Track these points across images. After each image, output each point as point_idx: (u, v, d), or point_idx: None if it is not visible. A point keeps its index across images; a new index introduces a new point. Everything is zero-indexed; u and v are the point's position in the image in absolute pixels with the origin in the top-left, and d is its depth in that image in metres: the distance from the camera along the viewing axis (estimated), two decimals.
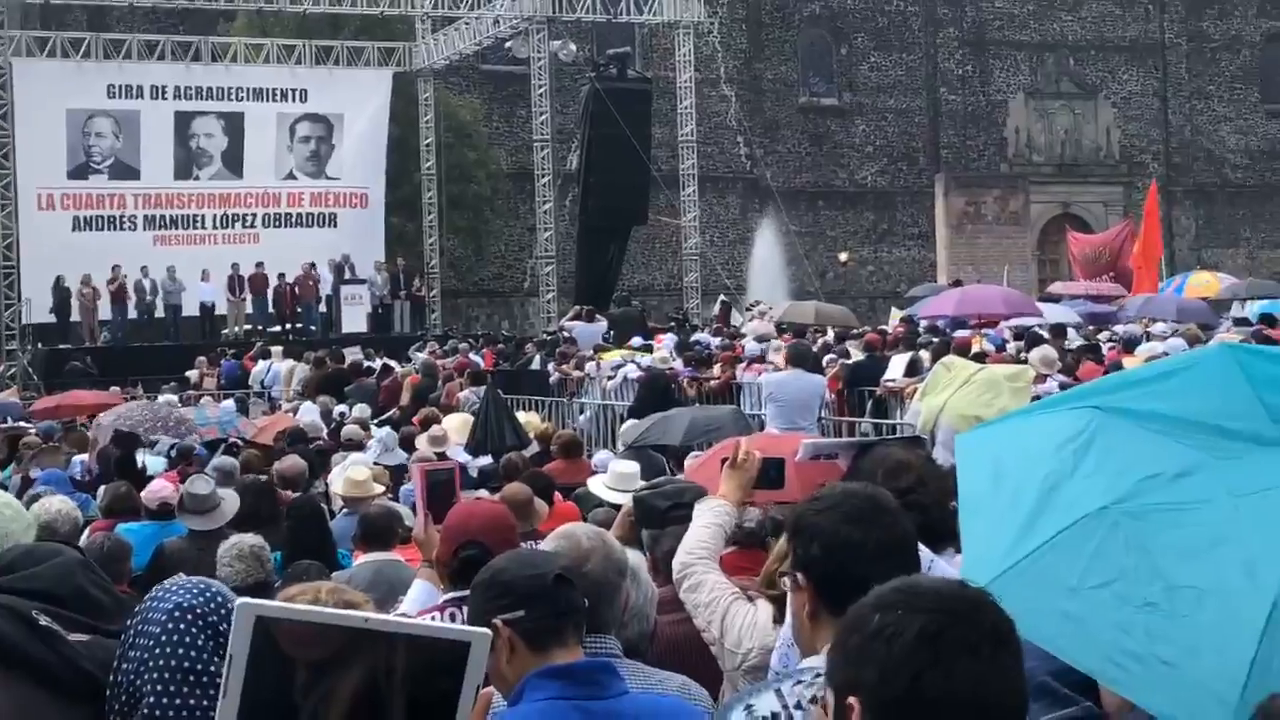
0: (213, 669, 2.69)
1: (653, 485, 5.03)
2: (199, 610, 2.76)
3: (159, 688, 2.67)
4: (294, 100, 37.89)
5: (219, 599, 2.80)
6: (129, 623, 2.81)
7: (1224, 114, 57.65)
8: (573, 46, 38.61)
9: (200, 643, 2.72)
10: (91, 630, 3.22)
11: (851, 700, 2.02)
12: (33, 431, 17.21)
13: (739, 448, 4.43)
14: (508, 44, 38.72)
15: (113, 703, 2.77)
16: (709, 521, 4.33)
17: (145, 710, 2.68)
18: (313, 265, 34.78)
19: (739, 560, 6.29)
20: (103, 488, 11.26)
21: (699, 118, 41.09)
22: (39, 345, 33.35)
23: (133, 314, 33.06)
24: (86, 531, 8.67)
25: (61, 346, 31.86)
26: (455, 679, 1.91)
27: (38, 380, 29.17)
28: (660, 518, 4.63)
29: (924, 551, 3.37)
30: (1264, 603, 2.47)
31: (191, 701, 2.67)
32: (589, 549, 3.59)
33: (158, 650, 2.70)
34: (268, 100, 37.59)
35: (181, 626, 2.72)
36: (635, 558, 4.35)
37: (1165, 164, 56.29)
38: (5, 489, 12.27)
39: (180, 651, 2.70)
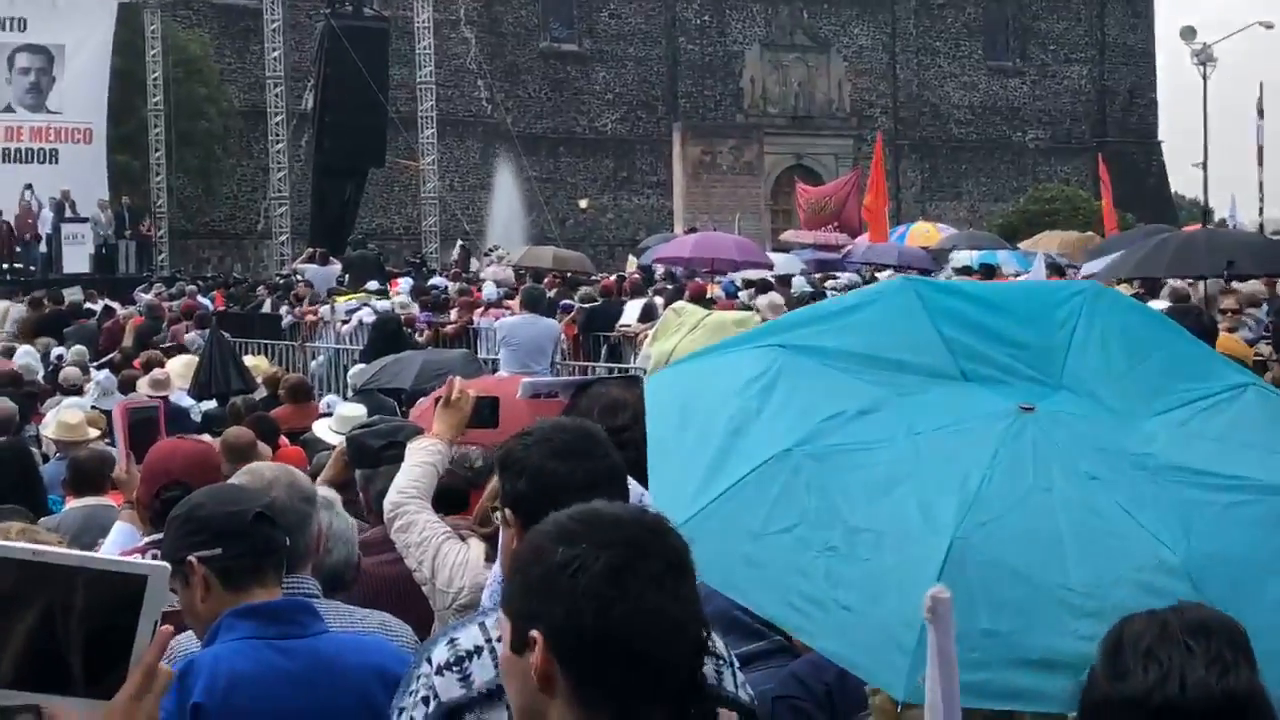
0: None
1: (367, 424, 4.97)
2: None
3: None
4: (12, 29, 36.13)
5: None
6: None
7: (949, 70, 59.67)
8: None
9: None
10: None
11: (534, 633, 2.00)
12: None
13: (451, 385, 4.39)
14: None
15: None
16: (421, 460, 4.29)
17: None
18: (32, 203, 33.26)
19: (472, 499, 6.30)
20: None
21: (438, 59, 40.69)
22: None
23: None
24: None
25: None
26: (134, 614, 1.85)
27: None
28: (374, 457, 4.57)
29: (634, 486, 3.39)
30: (940, 544, 2.47)
31: None
32: (272, 478, 3.53)
33: None
34: None
35: None
36: (329, 492, 4.30)
37: (893, 118, 58.03)
38: None
39: None
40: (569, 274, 26.69)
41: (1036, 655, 2.41)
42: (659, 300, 18.43)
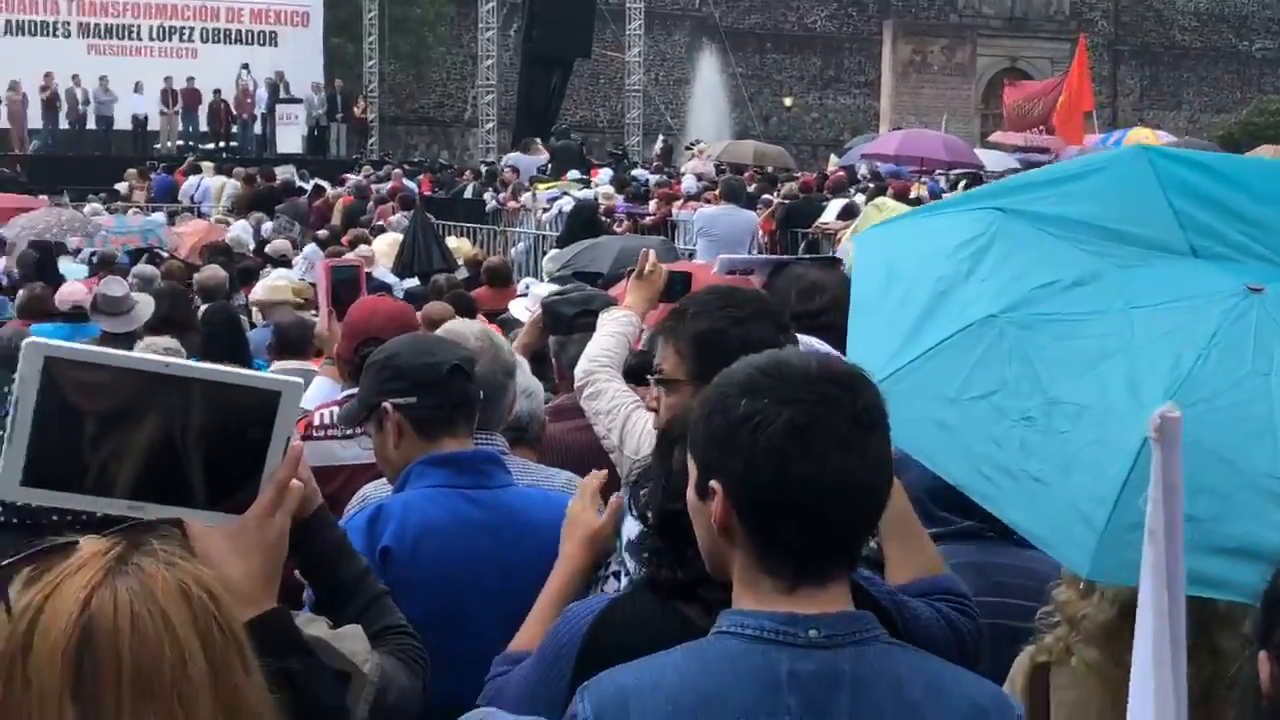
0: None
1: (561, 292, 4.97)
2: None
3: None
4: None
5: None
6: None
7: None
8: None
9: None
10: None
11: (714, 484, 1.99)
12: None
13: (645, 258, 4.36)
14: None
15: None
16: (613, 330, 4.27)
17: None
18: (249, 83, 34.06)
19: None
20: (20, 290, 11.08)
21: None
22: None
23: (64, 124, 32.33)
24: None
25: None
26: (265, 429, 1.84)
27: None
28: (567, 324, 4.57)
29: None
30: (1142, 423, 2.35)
31: None
32: (476, 349, 3.53)
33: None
34: None
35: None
36: (520, 359, 4.34)
37: (1114, 22, 55.96)
38: None
39: None
40: (769, 169, 26.45)
41: (1233, 544, 2.30)
42: (860, 198, 18.17)
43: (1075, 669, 2.68)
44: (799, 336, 3.15)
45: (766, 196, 19.71)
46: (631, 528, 2.62)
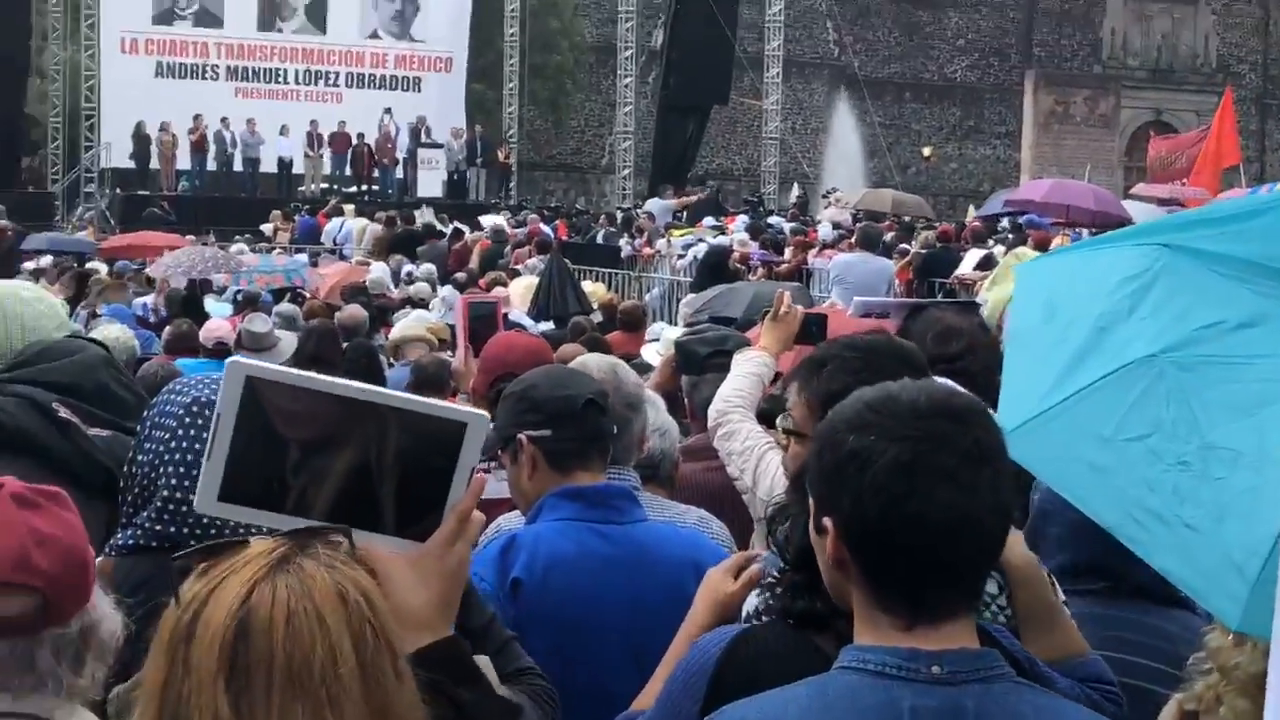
0: None
1: (694, 332, 4.96)
2: (216, 406, 2.73)
3: (173, 482, 2.65)
4: None
5: None
6: (145, 415, 2.78)
7: None
8: None
9: None
10: (113, 427, 3.21)
11: (826, 520, 1.99)
12: (103, 271, 17.36)
13: (781, 300, 4.34)
14: None
15: (125, 494, 2.75)
16: (747, 371, 4.26)
17: (159, 503, 2.66)
18: (391, 127, 34.68)
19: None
20: (167, 327, 11.34)
21: (787, 0, 40.42)
22: (117, 190, 33.57)
23: (211, 165, 33.16)
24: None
25: (140, 193, 32.00)
26: (450, 460, 1.86)
27: (114, 224, 29.40)
28: (700, 363, 4.56)
29: None
30: None
31: None
32: (601, 378, 3.53)
33: (174, 444, 2.68)
34: None
35: (200, 421, 2.69)
36: (653, 394, 4.30)
37: (1262, 75, 54.86)
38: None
39: (197, 447, 2.67)
40: (907, 218, 26.27)
41: None
42: (999, 249, 17.94)
43: (1224, 719, 2.60)
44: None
45: (904, 245, 19.55)
46: (751, 602, 2.60)
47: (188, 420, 2.70)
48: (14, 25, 30.62)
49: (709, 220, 25.47)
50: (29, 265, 18.82)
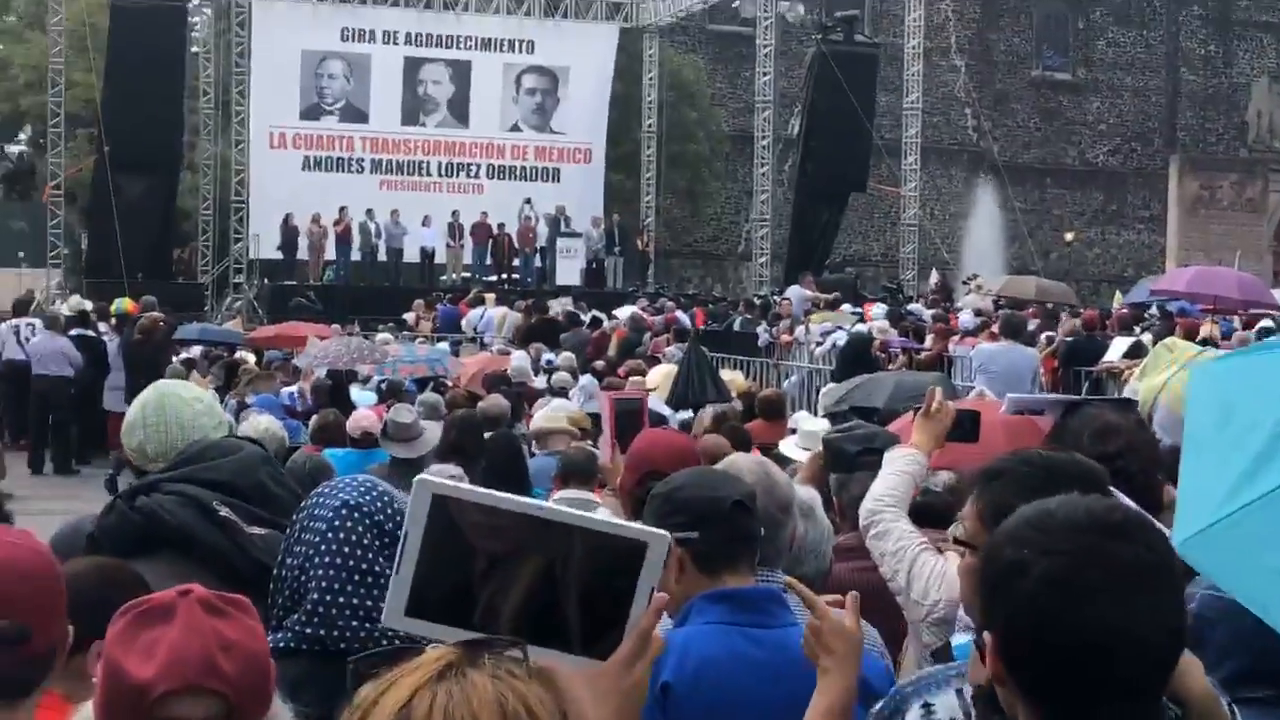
0: (378, 568, 2.67)
1: (844, 429, 4.90)
2: (366, 509, 2.74)
3: (324, 584, 2.66)
4: (521, 51, 38.21)
5: (386, 497, 2.78)
6: (295, 517, 2.80)
7: None
8: (800, 8, 38.26)
9: (367, 541, 2.70)
10: (270, 525, 3.25)
11: (986, 636, 1.98)
12: (251, 361, 17.74)
13: (933, 396, 4.27)
14: (736, 3, 38.50)
15: (275, 596, 2.76)
16: (899, 469, 4.19)
17: (309, 606, 2.67)
18: (531, 217, 35.13)
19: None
20: (314, 416, 11.51)
21: (926, 86, 40.38)
22: (265, 281, 34.37)
23: (356, 255, 33.78)
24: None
25: (287, 283, 32.73)
26: (629, 579, 1.87)
27: (262, 315, 30.09)
28: (849, 462, 4.50)
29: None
30: None
31: (355, 600, 2.65)
32: (752, 481, 3.48)
33: (324, 546, 2.69)
34: (495, 50, 38.01)
35: (349, 524, 2.70)
36: (810, 493, 4.22)
37: None
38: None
39: (346, 550, 2.68)
40: (1051, 305, 25.90)
41: None
42: (1147, 337, 17.59)
43: None
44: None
45: (1048, 333, 19.27)
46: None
47: (336, 523, 2.71)
48: (167, 122, 31.61)
49: (847, 307, 25.34)
50: (180, 355, 19.28)
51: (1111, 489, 2.88)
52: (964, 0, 50.34)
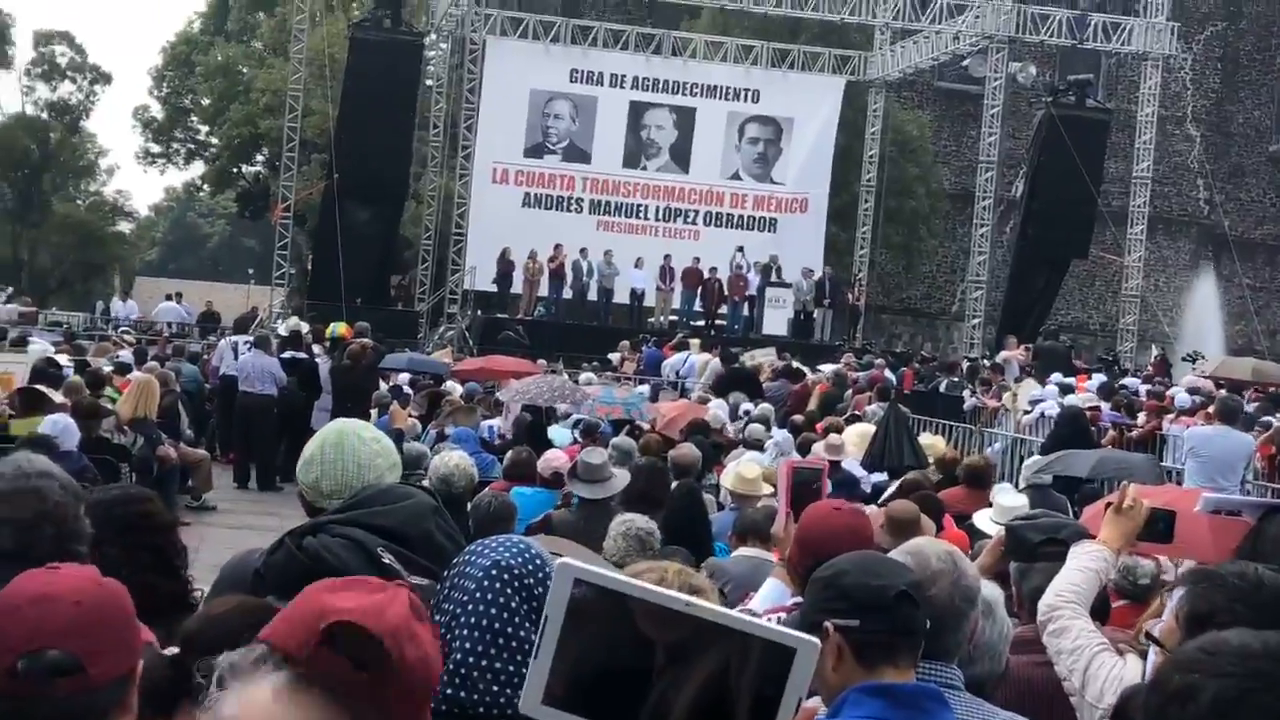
0: (523, 633, 2.63)
1: (1028, 516, 4.73)
2: (516, 570, 2.70)
3: (467, 645, 2.63)
4: (746, 100, 38.37)
5: (538, 561, 2.74)
6: (446, 573, 2.78)
7: None
8: (1033, 69, 37.70)
9: (514, 605, 2.67)
10: (433, 575, 3.24)
11: None
12: (458, 394, 18.01)
13: (1125, 492, 4.09)
14: (965, 62, 38.12)
15: None
16: (1084, 565, 4.03)
17: (451, 666, 2.64)
18: (743, 265, 35.10)
19: (1129, 615, 5.88)
20: (509, 452, 11.62)
21: (1158, 155, 39.39)
22: (478, 312, 35.01)
23: (567, 293, 34.18)
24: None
25: (499, 316, 33.26)
26: (775, 684, 1.79)
27: (471, 345, 30.62)
28: (1031, 551, 4.33)
29: None
30: None
31: (498, 665, 2.62)
32: (938, 570, 3.35)
33: (471, 606, 2.66)
34: (720, 98, 38.25)
35: (498, 585, 2.67)
36: (994, 592, 4.07)
37: None
38: (420, 441, 12.91)
39: (494, 611, 2.65)
40: (1271, 389, 24.91)
41: None
42: None
43: None
44: None
45: (1267, 418, 18.52)
46: None
47: (486, 583, 2.68)
48: (397, 151, 32.48)
49: (1057, 377, 24.71)
50: (389, 383, 19.70)
51: None
52: (1203, 70, 49.00)
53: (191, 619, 3.00)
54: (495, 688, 2.60)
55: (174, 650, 2.95)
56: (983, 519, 8.25)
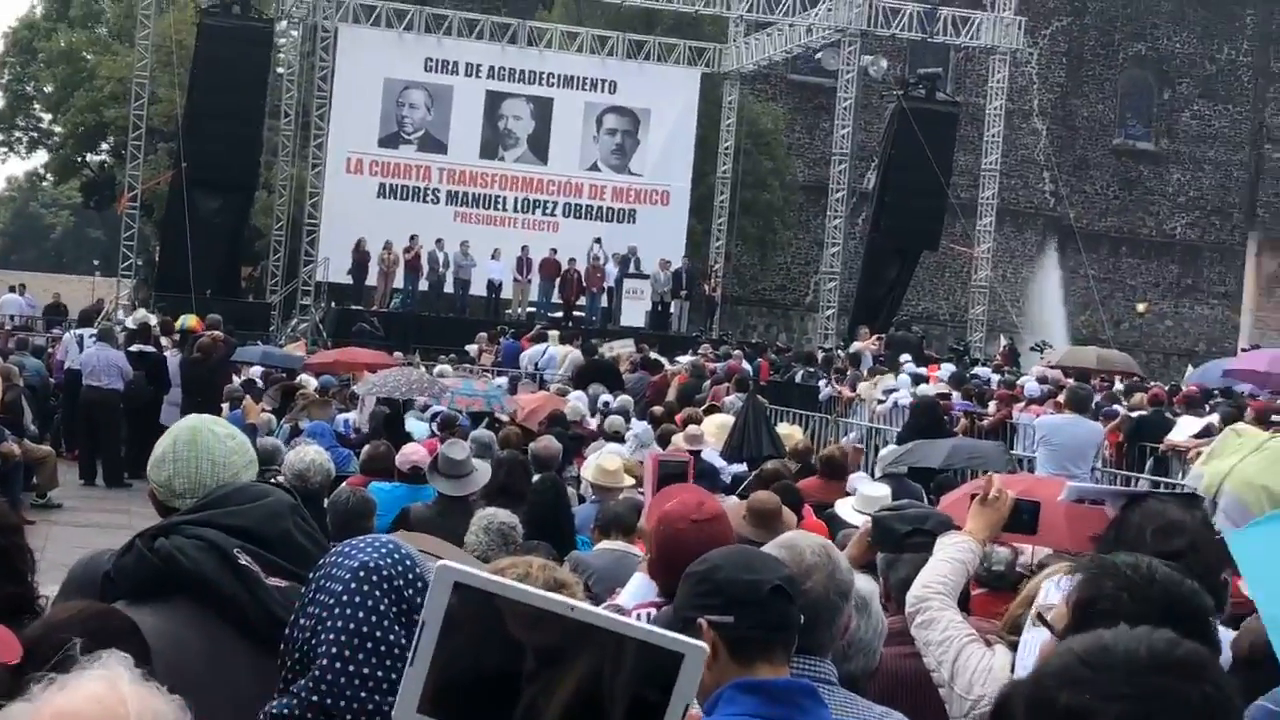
0: (392, 637, 2.54)
1: (895, 507, 4.74)
2: (385, 572, 2.60)
3: (334, 650, 2.53)
4: (603, 91, 38.37)
5: (408, 562, 2.65)
6: (312, 575, 2.67)
7: None
8: (884, 63, 38.17)
9: (382, 607, 2.57)
10: (292, 576, 3.13)
11: None
12: (313, 387, 17.72)
13: (991, 484, 4.11)
14: (818, 54, 38.52)
15: (285, 658, 2.63)
16: (951, 556, 4.03)
17: (317, 672, 2.53)
18: (600, 256, 35.06)
19: (988, 603, 5.94)
20: (365, 446, 11.45)
21: (1005, 148, 40.16)
22: (332, 304, 34.54)
23: (423, 285, 33.87)
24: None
25: (353, 307, 32.83)
26: (658, 689, 1.73)
27: (326, 338, 30.21)
28: (898, 542, 4.33)
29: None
30: None
31: (365, 670, 2.52)
32: (812, 564, 3.32)
33: (337, 610, 2.56)
34: (577, 88, 38.19)
35: (365, 588, 2.57)
36: (869, 586, 4.06)
37: None
38: (274, 436, 12.66)
39: (360, 615, 2.55)
40: (1117, 378, 25.54)
41: None
42: (1214, 418, 17.26)
43: None
44: None
45: (1114, 407, 18.96)
46: None
47: (353, 586, 2.58)
48: (247, 140, 31.86)
49: (910, 367, 25.06)
50: (241, 377, 19.33)
51: (1213, 620, 2.71)
52: (1049, 65, 50.07)
53: (34, 625, 2.85)
54: (364, 693, 2.50)
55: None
56: (845, 508, 8.29)
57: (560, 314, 33.98)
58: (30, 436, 16.50)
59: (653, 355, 24.89)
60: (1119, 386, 23.30)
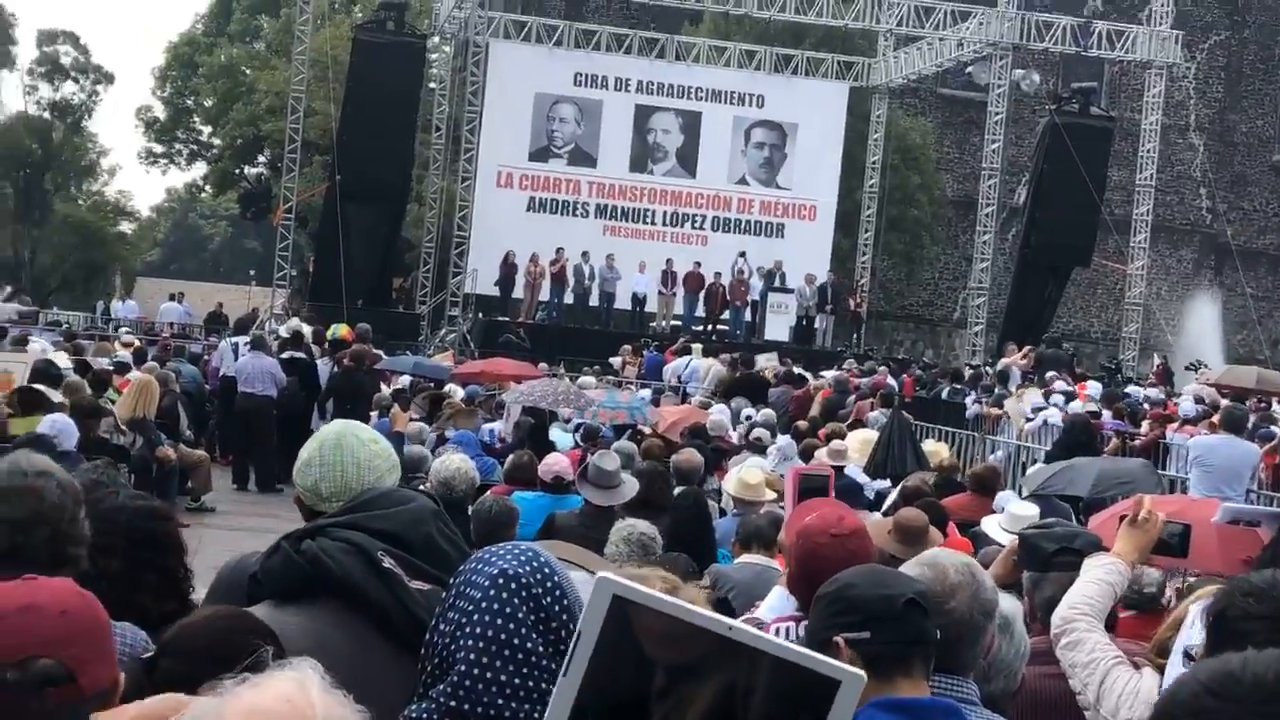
0: (530, 644, 2.54)
1: (1042, 525, 4.65)
2: (524, 579, 2.61)
3: (472, 657, 2.54)
4: (751, 105, 38.32)
5: (547, 569, 2.65)
6: (452, 581, 2.69)
7: None
8: (1036, 77, 37.60)
9: (521, 615, 2.58)
10: (435, 580, 3.16)
11: None
12: (459, 397, 17.92)
13: (1140, 505, 4.02)
14: (969, 68, 38.05)
15: (425, 662, 2.65)
16: (1099, 578, 3.95)
17: (455, 678, 2.55)
18: (745, 270, 34.98)
19: (1136, 626, 5.81)
20: (510, 456, 11.53)
21: (1161, 164, 39.30)
22: (479, 315, 34.92)
23: (569, 297, 34.10)
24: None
25: (500, 319, 33.17)
26: (811, 714, 1.71)
27: (473, 348, 30.54)
28: (1045, 561, 4.26)
29: None
30: None
31: (503, 677, 2.53)
32: (956, 583, 3.27)
33: (476, 616, 2.57)
34: (725, 103, 38.19)
35: (504, 595, 2.58)
36: (1013, 606, 3.99)
37: None
38: (422, 444, 12.83)
39: (499, 622, 2.56)
40: (1273, 398, 24.80)
41: None
42: None
43: None
44: None
45: (1272, 429, 18.42)
46: None
47: (492, 593, 2.59)
48: (399, 154, 32.41)
49: (1060, 385, 24.60)
50: (391, 386, 19.62)
51: None
52: (1206, 79, 48.94)
53: (171, 627, 2.94)
54: (500, 700, 2.52)
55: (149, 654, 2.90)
56: (991, 526, 8.17)
57: (704, 327, 33.96)
58: (185, 441, 16.90)
59: (796, 370, 24.77)
60: (1276, 408, 22.62)
